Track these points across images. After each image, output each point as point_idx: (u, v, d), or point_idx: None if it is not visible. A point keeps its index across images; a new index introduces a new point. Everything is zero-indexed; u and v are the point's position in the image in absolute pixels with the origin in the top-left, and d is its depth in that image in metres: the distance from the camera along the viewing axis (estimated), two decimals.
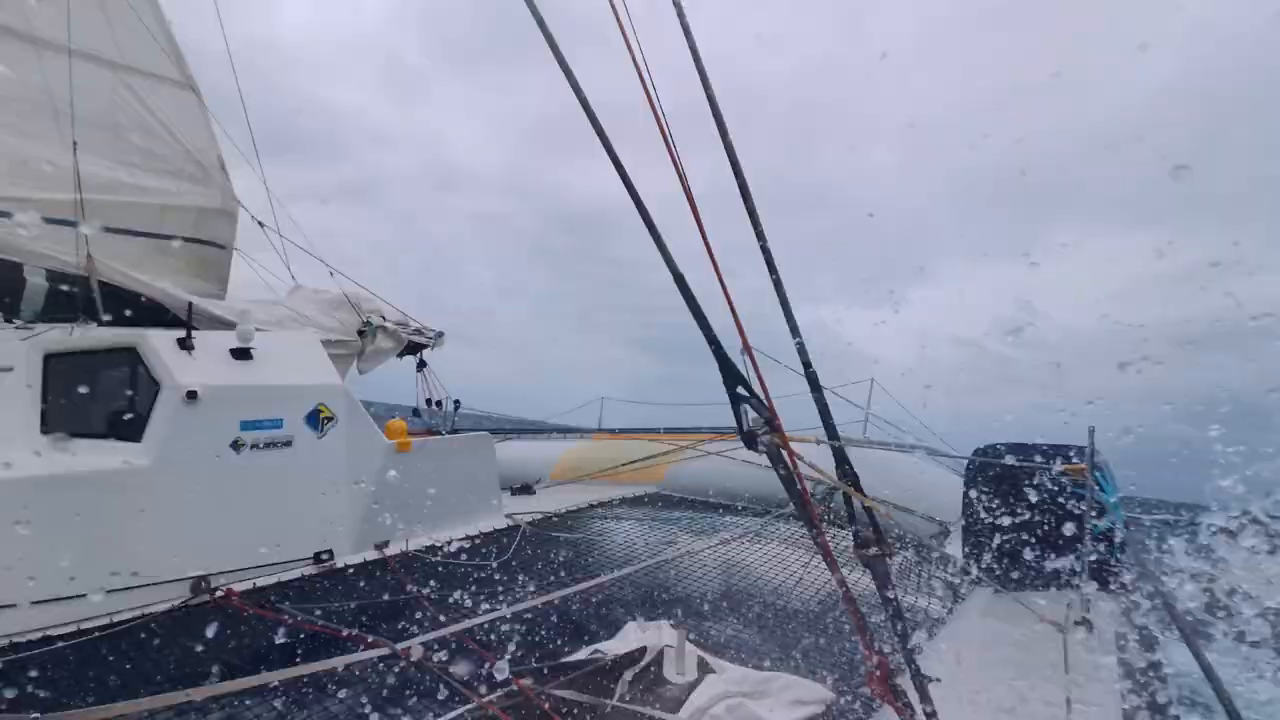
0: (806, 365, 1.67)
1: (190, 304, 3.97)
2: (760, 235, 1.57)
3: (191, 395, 3.33)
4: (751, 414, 1.52)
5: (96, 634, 2.83)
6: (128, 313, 4.13)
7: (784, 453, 1.51)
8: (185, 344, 3.54)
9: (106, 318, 3.99)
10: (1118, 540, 2.86)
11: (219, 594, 3.21)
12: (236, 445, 3.47)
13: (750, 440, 1.50)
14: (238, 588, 3.28)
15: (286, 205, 5.48)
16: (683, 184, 1.50)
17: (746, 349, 1.52)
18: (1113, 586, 2.70)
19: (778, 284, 1.60)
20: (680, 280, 1.48)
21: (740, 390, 1.52)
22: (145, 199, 4.66)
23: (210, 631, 3.06)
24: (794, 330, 1.63)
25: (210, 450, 3.40)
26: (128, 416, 3.49)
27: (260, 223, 5.28)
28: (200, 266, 5.00)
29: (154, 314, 4.17)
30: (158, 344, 3.50)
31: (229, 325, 4.12)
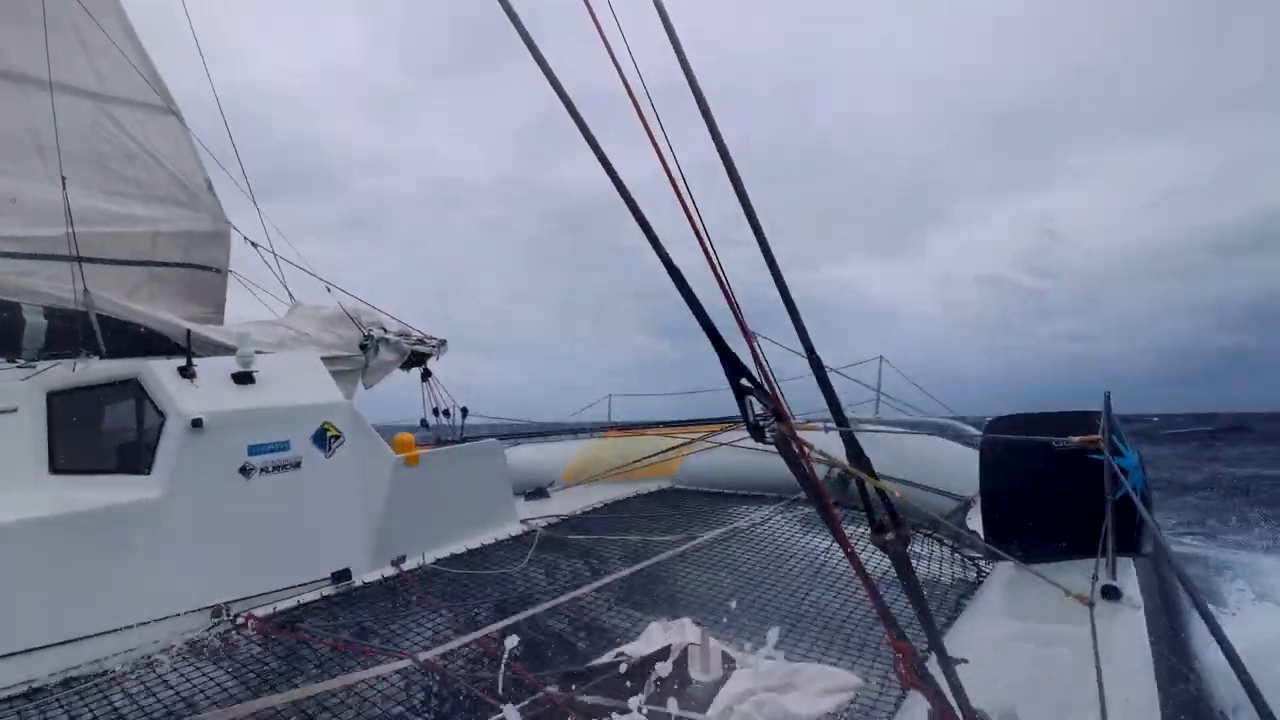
0: (810, 350, 1.62)
1: (189, 331, 3.95)
2: (751, 215, 1.52)
3: (197, 423, 3.32)
4: (758, 404, 1.48)
5: (119, 669, 2.83)
6: (128, 344, 4.12)
7: (792, 441, 1.47)
8: (187, 372, 3.53)
9: (105, 351, 3.98)
10: (1138, 506, 2.81)
11: (239, 620, 3.21)
12: (245, 470, 3.45)
13: (757, 431, 1.46)
14: (258, 612, 3.28)
15: (291, 241, 5.47)
16: (663, 163, 1.45)
17: (747, 338, 1.48)
18: (1139, 552, 2.66)
19: (777, 277, 1.56)
20: (675, 273, 1.44)
21: (744, 382, 1.47)
22: (135, 228, 4.65)
23: (234, 656, 3.05)
24: (795, 317, 1.58)
25: (219, 477, 3.39)
26: (135, 449, 3.48)
27: (253, 243, 5.26)
28: (195, 292, 4.99)
29: (154, 343, 4.16)
30: (160, 374, 3.48)
31: (229, 350, 4.11)
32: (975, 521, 3.44)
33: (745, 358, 1.48)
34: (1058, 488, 2.84)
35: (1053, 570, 2.47)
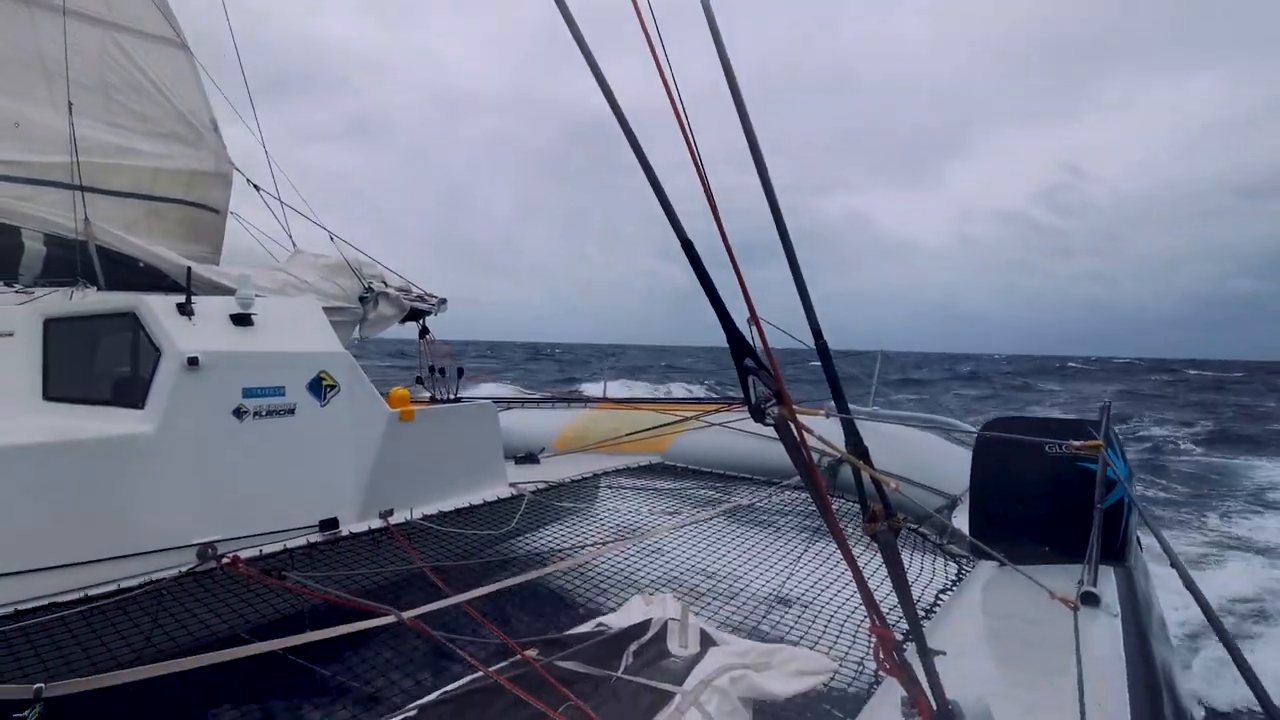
0: (817, 335, 1.61)
1: (189, 269, 3.92)
2: (772, 199, 1.50)
3: (193, 361, 3.30)
4: (759, 386, 1.47)
5: (103, 600, 2.85)
6: (125, 277, 4.09)
7: (792, 425, 1.46)
8: (185, 309, 3.50)
9: (103, 283, 3.94)
10: (1125, 516, 2.83)
11: (225, 560, 3.22)
12: (239, 412, 3.44)
13: (758, 413, 1.45)
14: (244, 554, 3.29)
15: (291, 150, 5.38)
16: (689, 144, 1.42)
17: (754, 320, 1.47)
18: (1121, 561, 2.68)
19: (793, 264, 1.54)
20: (688, 247, 1.42)
21: (748, 362, 1.46)
22: (138, 161, 4.58)
23: (217, 598, 3.07)
24: (805, 301, 1.57)
25: (213, 417, 3.38)
26: (129, 383, 3.47)
27: (256, 186, 5.20)
28: (193, 230, 4.93)
29: (151, 279, 4.13)
30: (157, 309, 3.45)
31: (227, 291, 4.07)
32: (961, 519, 3.47)
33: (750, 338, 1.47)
34: (1046, 492, 2.86)
35: (1033, 573, 2.50)
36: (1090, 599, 2.28)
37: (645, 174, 1.42)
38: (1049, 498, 2.84)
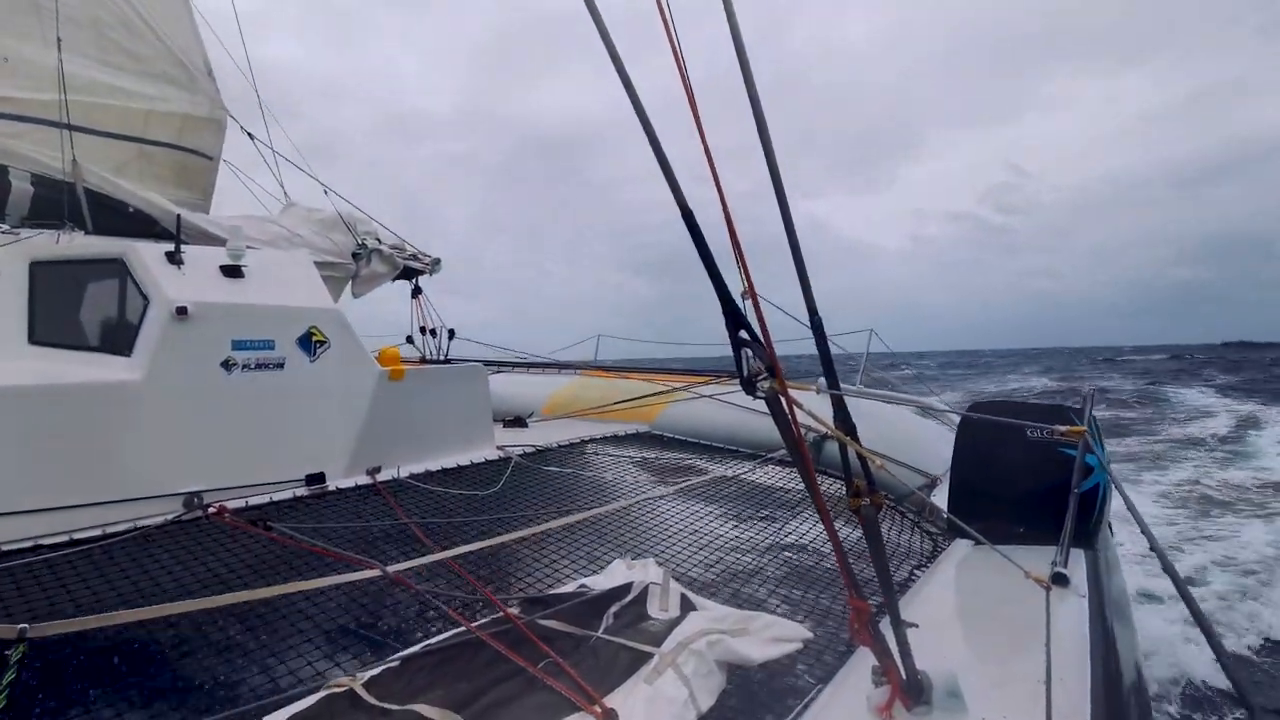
0: (813, 313, 1.63)
1: (179, 216, 3.86)
2: (779, 186, 1.50)
3: (181, 311, 3.28)
4: (752, 359, 1.48)
5: (89, 545, 2.86)
6: (114, 222, 4.02)
7: (782, 400, 1.48)
8: (174, 258, 3.46)
9: (91, 227, 3.88)
10: (1099, 501, 2.89)
11: (211, 510, 3.24)
12: (227, 364, 3.43)
13: (750, 385, 1.47)
14: (230, 504, 3.31)
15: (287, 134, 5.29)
16: (697, 122, 1.42)
17: (753, 295, 1.48)
18: (1092, 545, 2.75)
19: (793, 245, 1.54)
20: (689, 217, 1.42)
21: (742, 334, 1.48)
22: (129, 103, 4.48)
23: (203, 546, 3.10)
24: (803, 278, 1.58)
25: (200, 367, 3.37)
26: (116, 330, 3.44)
27: (250, 134, 5.11)
28: (183, 176, 4.85)
29: (140, 225, 4.07)
30: (146, 257, 3.42)
31: (218, 241, 4.03)
32: (940, 497, 3.53)
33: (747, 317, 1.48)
34: (1025, 475, 2.92)
35: (1007, 553, 2.56)
36: (1060, 579, 2.35)
37: (650, 144, 1.42)
38: (1027, 480, 2.90)
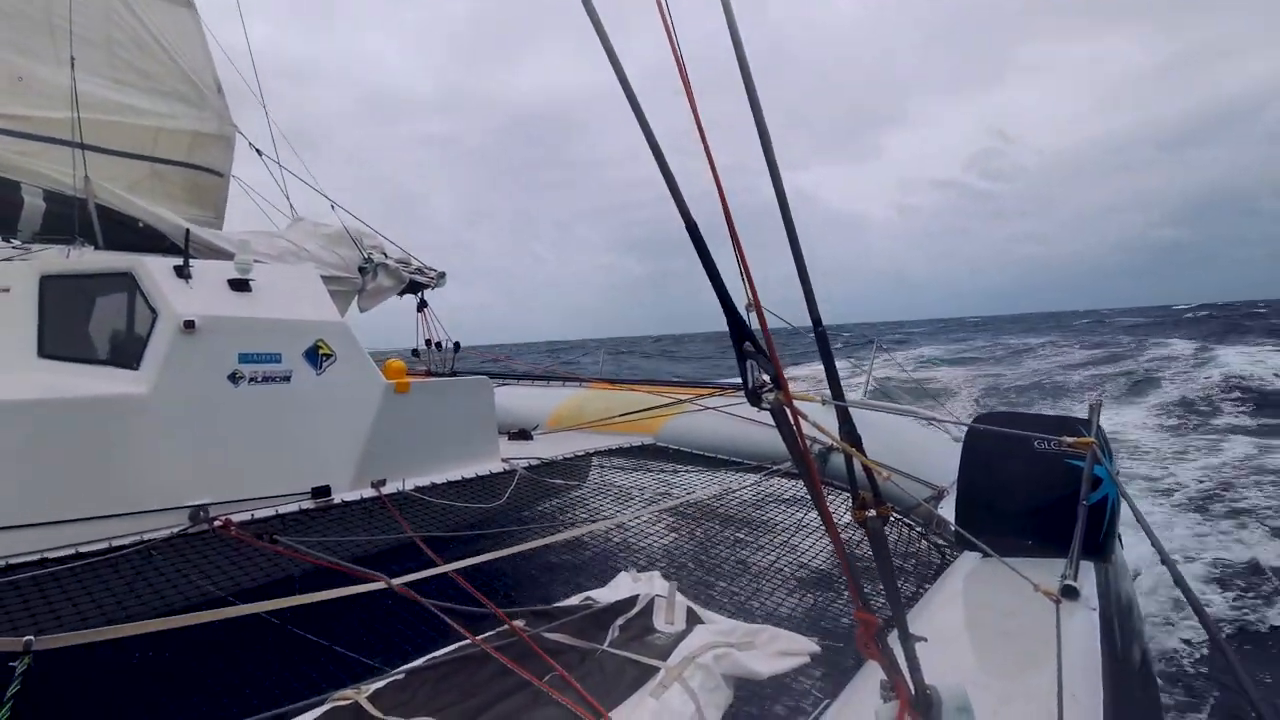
0: (817, 323, 1.63)
1: (188, 231, 3.90)
2: (778, 183, 1.51)
3: (189, 325, 3.30)
4: (757, 370, 1.48)
5: (94, 558, 2.87)
6: (124, 238, 4.07)
7: (788, 411, 1.48)
8: (183, 272, 3.49)
9: (101, 243, 3.92)
10: (1109, 513, 2.87)
11: (217, 523, 3.24)
12: (234, 377, 3.45)
13: (755, 397, 1.47)
14: (236, 518, 3.32)
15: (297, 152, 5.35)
16: (696, 119, 1.43)
17: (756, 306, 1.48)
18: (1103, 558, 2.72)
19: (795, 250, 1.55)
20: (693, 228, 1.43)
21: (747, 346, 1.48)
22: (140, 120, 4.54)
23: (208, 559, 3.10)
24: (806, 287, 1.58)
25: (208, 381, 3.38)
26: (124, 343, 3.47)
27: (258, 150, 5.16)
28: (195, 194, 4.90)
29: (150, 240, 4.11)
30: (155, 271, 3.44)
31: (226, 255, 4.06)
32: (947, 509, 3.51)
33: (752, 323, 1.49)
34: (1033, 487, 2.90)
35: (1017, 563, 2.54)
36: (1070, 592, 2.33)
37: (652, 151, 1.43)
38: (1035, 492, 2.88)
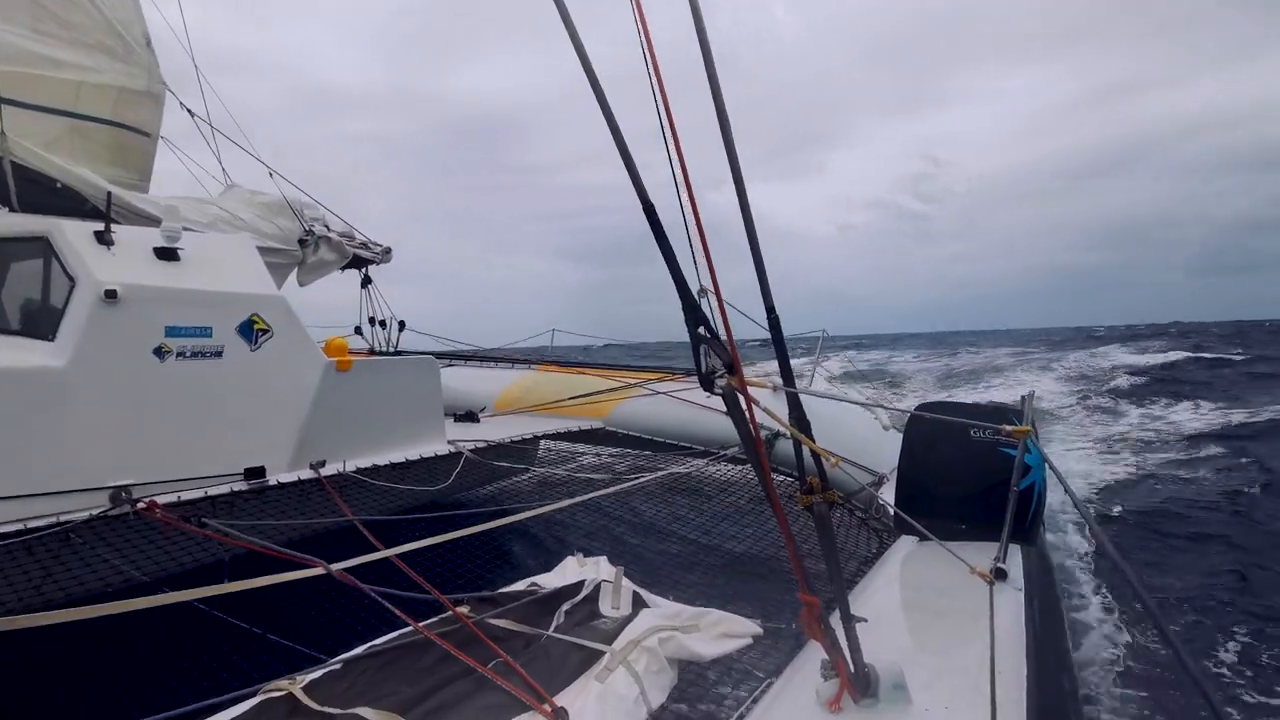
0: (770, 310, 1.64)
1: (110, 194, 3.66)
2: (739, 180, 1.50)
3: (110, 294, 3.10)
4: (710, 355, 1.48)
5: (7, 540, 2.69)
6: (41, 199, 3.78)
7: (740, 396, 1.49)
8: (104, 238, 3.28)
9: (16, 204, 3.64)
10: (1035, 499, 3.00)
11: (140, 505, 3.08)
12: (160, 351, 3.27)
13: (708, 382, 1.47)
14: (161, 499, 3.16)
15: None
16: (667, 115, 1.40)
17: (716, 291, 1.47)
18: (1030, 541, 2.85)
19: (753, 243, 1.55)
20: (650, 210, 1.41)
21: (701, 331, 1.47)
22: (59, 73, 4.21)
23: (131, 543, 2.94)
24: (762, 277, 1.59)
25: (131, 354, 3.20)
26: (39, 312, 3.24)
27: (190, 111, 4.88)
28: (119, 154, 4.58)
29: (69, 202, 3.84)
30: (73, 236, 3.22)
31: (153, 221, 3.83)
32: (887, 495, 3.62)
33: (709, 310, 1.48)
34: (968, 473, 3.00)
35: (952, 546, 2.64)
36: (1000, 574, 2.43)
37: (613, 135, 1.40)
38: (970, 479, 2.99)
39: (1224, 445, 10.44)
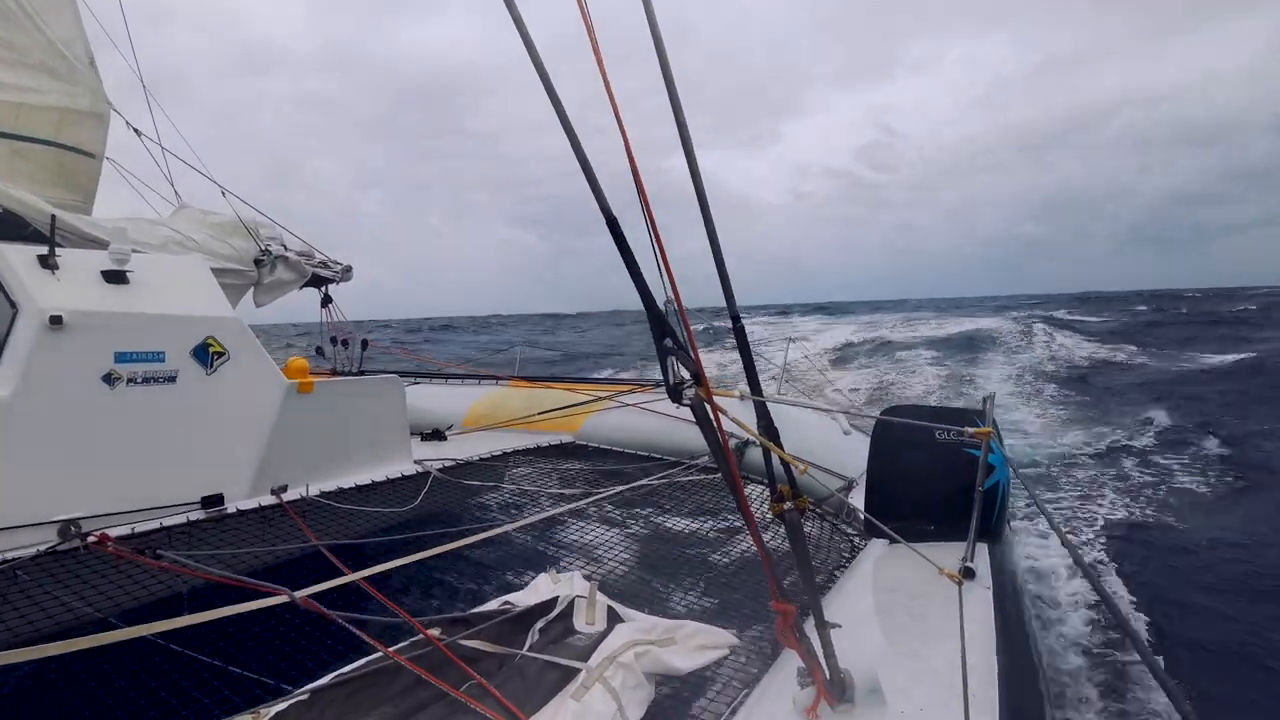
0: (735, 319, 1.65)
1: (54, 216, 3.53)
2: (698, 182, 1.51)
3: (55, 320, 2.99)
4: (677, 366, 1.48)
5: None
6: None
7: (708, 407, 1.49)
8: (48, 262, 3.16)
9: None
10: (1000, 497, 3.06)
11: (91, 539, 2.96)
12: (110, 378, 3.15)
13: (675, 393, 1.47)
14: (113, 532, 3.03)
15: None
16: (621, 129, 1.41)
17: (677, 300, 1.48)
18: (996, 540, 2.91)
19: (716, 252, 1.56)
20: (613, 224, 1.41)
21: (667, 342, 1.48)
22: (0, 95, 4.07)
23: (82, 579, 2.82)
24: (726, 287, 1.60)
25: (78, 382, 3.08)
26: None
27: (136, 130, 4.74)
28: (62, 176, 4.42)
29: (9, 227, 3.69)
30: (14, 260, 3.10)
31: (100, 244, 3.71)
32: (857, 499, 3.66)
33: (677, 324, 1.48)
34: (935, 475, 3.06)
35: (921, 548, 2.67)
36: (969, 573, 2.47)
37: (572, 147, 1.40)
38: (937, 481, 3.04)
39: None
